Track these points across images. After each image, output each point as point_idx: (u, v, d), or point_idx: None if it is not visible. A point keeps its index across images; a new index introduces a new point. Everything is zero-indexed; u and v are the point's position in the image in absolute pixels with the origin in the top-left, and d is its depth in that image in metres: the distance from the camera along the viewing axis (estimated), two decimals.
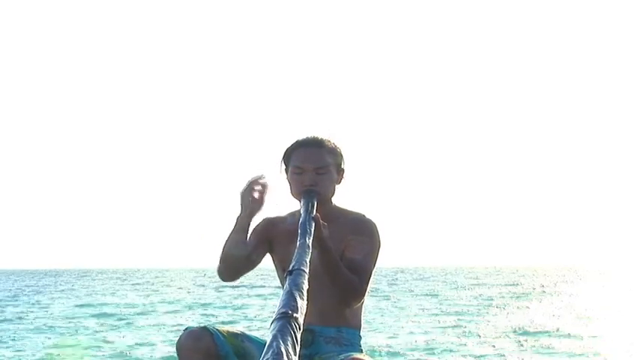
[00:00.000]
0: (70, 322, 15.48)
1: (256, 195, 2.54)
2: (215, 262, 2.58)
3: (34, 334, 13.29)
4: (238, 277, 2.63)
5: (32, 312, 19.04)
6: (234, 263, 2.57)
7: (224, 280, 2.62)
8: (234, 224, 2.55)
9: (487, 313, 17.36)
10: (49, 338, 12.48)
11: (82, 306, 21.06)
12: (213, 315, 17.78)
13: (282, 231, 2.56)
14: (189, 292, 30.21)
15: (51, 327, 14.56)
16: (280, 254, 2.55)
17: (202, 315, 17.86)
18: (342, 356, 2.36)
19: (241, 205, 2.53)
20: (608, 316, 15.86)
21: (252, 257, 2.58)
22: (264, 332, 2.17)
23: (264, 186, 2.54)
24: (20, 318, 17.01)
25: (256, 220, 2.59)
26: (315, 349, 2.46)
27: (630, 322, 14.45)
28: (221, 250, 2.56)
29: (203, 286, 37.19)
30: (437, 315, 16.50)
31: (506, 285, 35.39)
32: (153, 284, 41.49)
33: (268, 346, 1.59)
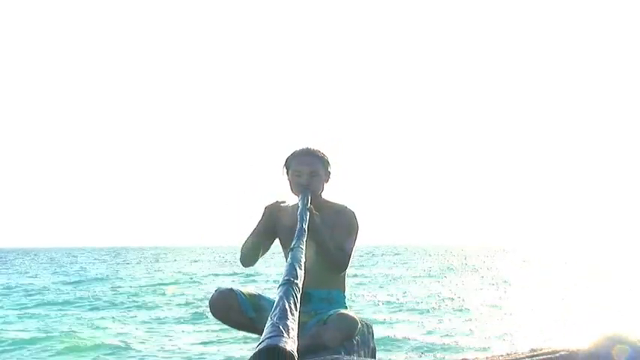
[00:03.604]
0: None
1: (275, 209, 3.32)
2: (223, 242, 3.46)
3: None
4: (255, 263, 3.43)
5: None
6: (251, 259, 3.39)
7: (244, 266, 3.43)
8: (255, 227, 3.35)
9: None
10: None
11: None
12: (239, 281, 21.80)
13: (285, 219, 3.35)
14: (220, 265, 35.73)
15: None
16: (284, 236, 3.35)
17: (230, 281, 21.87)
18: (331, 311, 3.19)
19: (263, 213, 3.33)
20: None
21: (265, 247, 3.40)
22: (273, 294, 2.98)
23: (284, 205, 3.33)
24: None
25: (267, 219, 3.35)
26: (311, 307, 3.27)
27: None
28: (242, 248, 3.36)
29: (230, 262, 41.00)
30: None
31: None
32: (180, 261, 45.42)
33: (276, 304, 2.39)
